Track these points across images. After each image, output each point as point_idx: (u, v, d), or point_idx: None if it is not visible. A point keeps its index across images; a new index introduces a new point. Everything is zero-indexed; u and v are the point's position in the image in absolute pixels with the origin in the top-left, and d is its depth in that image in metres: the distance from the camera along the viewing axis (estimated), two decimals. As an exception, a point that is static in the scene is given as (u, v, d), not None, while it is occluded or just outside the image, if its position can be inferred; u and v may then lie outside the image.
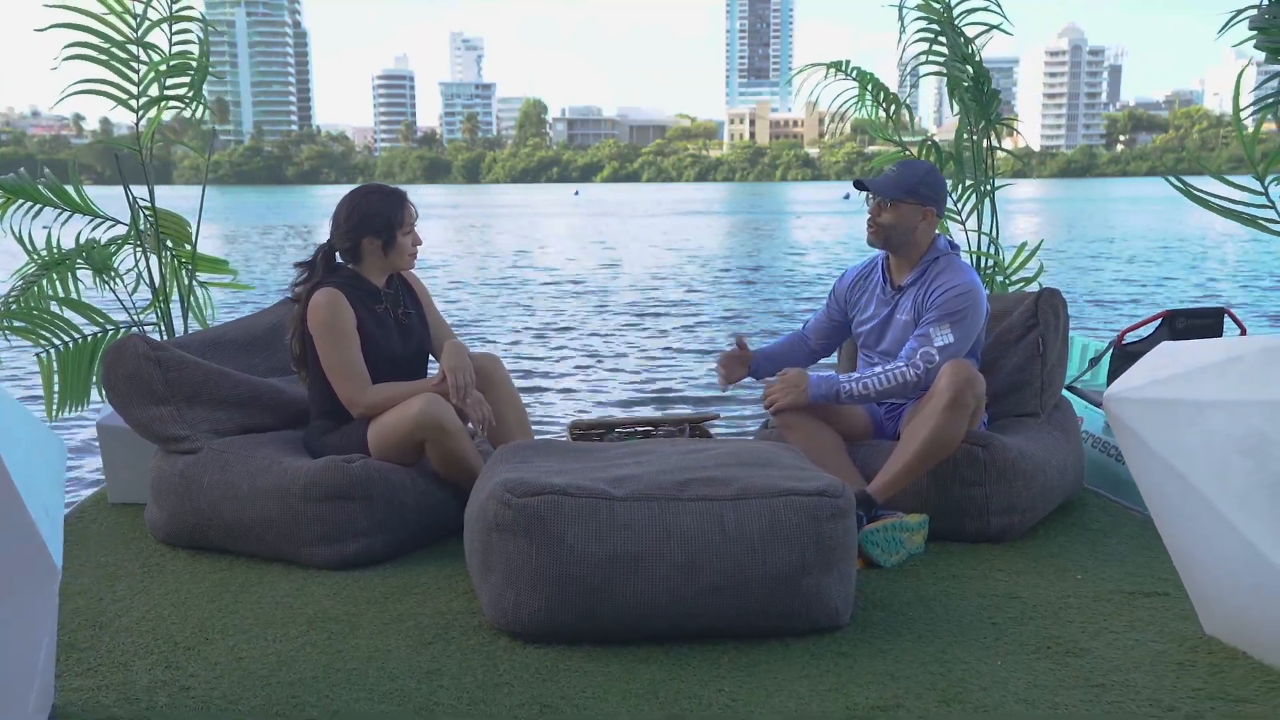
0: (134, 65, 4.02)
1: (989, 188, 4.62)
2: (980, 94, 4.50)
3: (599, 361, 10.70)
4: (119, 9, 3.93)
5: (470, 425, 3.49)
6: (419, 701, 2.35)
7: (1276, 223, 3.04)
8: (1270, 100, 2.98)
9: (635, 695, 2.37)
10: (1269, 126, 3.27)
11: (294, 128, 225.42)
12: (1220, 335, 4.48)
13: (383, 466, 3.34)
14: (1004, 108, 4.60)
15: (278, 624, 2.81)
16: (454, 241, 32.39)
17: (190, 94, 4.16)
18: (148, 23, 3.97)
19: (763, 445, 3.15)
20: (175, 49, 4.11)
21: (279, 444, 3.55)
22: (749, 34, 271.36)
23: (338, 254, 3.55)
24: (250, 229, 40.21)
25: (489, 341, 12.13)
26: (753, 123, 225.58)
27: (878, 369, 3.46)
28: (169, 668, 2.53)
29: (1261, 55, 2.91)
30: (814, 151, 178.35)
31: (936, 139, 4.86)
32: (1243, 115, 3.04)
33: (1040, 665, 2.50)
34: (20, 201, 4.28)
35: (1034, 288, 4.69)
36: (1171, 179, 3.32)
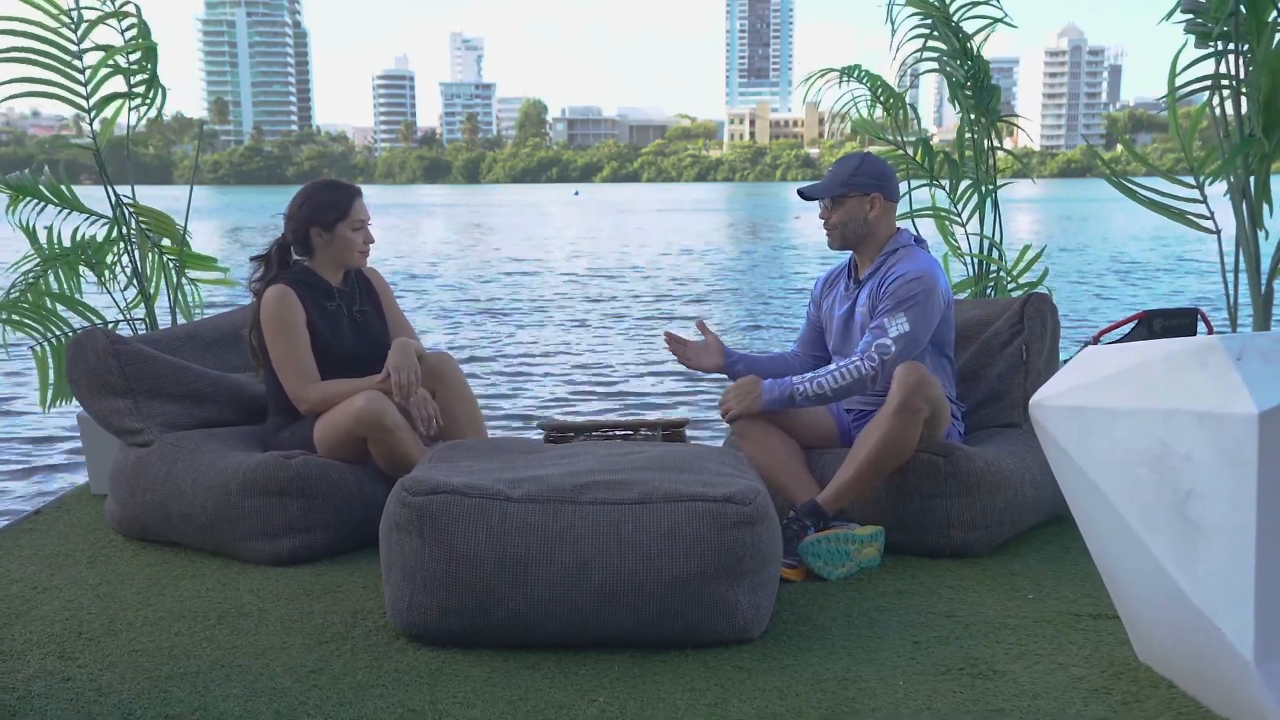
0: (75, 65, 4.07)
1: (989, 188, 4.44)
2: (980, 90, 4.32)
3: (592, 360, 10.57)
4: (50, 9, 3.99)
5: (418, 425, 3.45)
6: (289, 701, 2.31)
7: (1207, 219, 2.81)
8: (1207, 85, 2.77)
9: (504, 702, 2.29)
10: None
11: (294, 128, 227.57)
12: (1194, 335, 4.24)
13: (323, 463, 3.33)
14: (1004, 107, 4.41)
15: (189, 617, 2.81)
16: (451, 239, 32.51)
17: (142, 87, 4.19)
18: (85, 23, 4.01)
19: (695, 450, 3.05)
20: (129, 41, 4.15)
21: (233, 439, 3.57)
22: (749, 34, 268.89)
23: (293, 249, 3.56)
24: (251, 227, 40.78)
25: (496, 335, 12.08)
26: (753, 123, 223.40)
27: (831, 366, 3.32)
28: (61, 658, 2.54)
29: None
30: (814, 151, 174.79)
31: (936, 138, 4.69)
32: (1174, 100, 2.84)
33: (943, 687, 2.35)
34: (25, 199, 4.39)
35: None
36: (1110, 178, 3.12)
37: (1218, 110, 2.84)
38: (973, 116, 4.56)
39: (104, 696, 2.33)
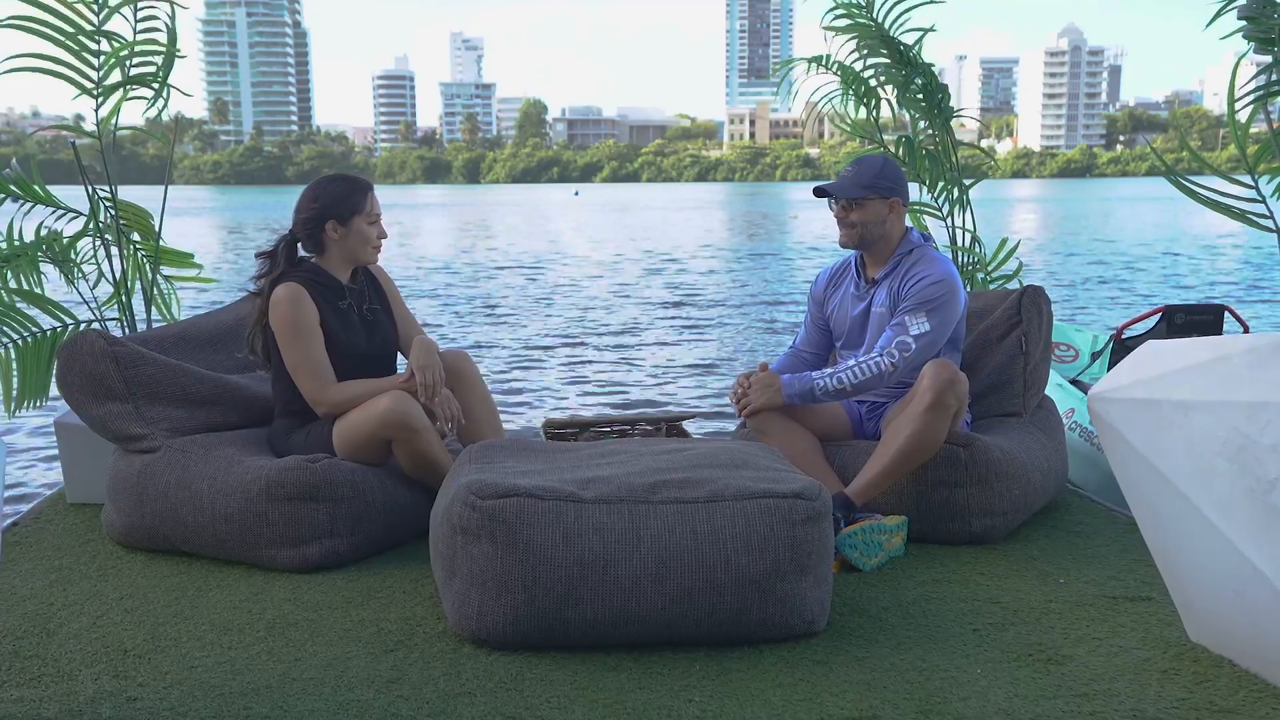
0: (93, 50, 3.89)
1: (959, 187, 4.58)
2: (930, 93, 4.47)
3: (584, 359, 10.58)
4: None
5: (439, 424, 3.39)
6: (378, 712, 2.26)
7: (1267, 218, 2.97)
8: (1262, 92, 2.91)
9: (602, 705, 2.28)
10: (1260, 129, 3.20)
11: (294, 128, 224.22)
12: (1220, 333, 4.43)
13: (348, 466, 3.24)
14: (1003, 108, 4.60)
15: (234, 630, 2.71)
16: (451, 242, 32.22)
17: (156, 83, 4.03)
18: (108, 9, 3.84)
19: (740, 445, 3.07)
20: (140, 35, 3.98)
21: (241, 443, 3.45)
22: (749, 34, 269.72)
23: (300, 245, 3.45)
24: (250, 228, 39.86)
25: (495, 336, 11.99)
26: (753, 123, 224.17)
27: (852, 362, 3.38)
28: (116, 677, 2.43)
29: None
30: (814, 151, 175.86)
31: (919, 136, 4.80)
32: (1236, 108, 2.98)
33: (1022, 674, 2.42)
34: None
35: (1015, 285, 4.62)
36: (1171, 177, 3.26)
37: (1274, 114, 2.98)
38: (928, 120, 4.70)
39: (181, 715, 2.23)
